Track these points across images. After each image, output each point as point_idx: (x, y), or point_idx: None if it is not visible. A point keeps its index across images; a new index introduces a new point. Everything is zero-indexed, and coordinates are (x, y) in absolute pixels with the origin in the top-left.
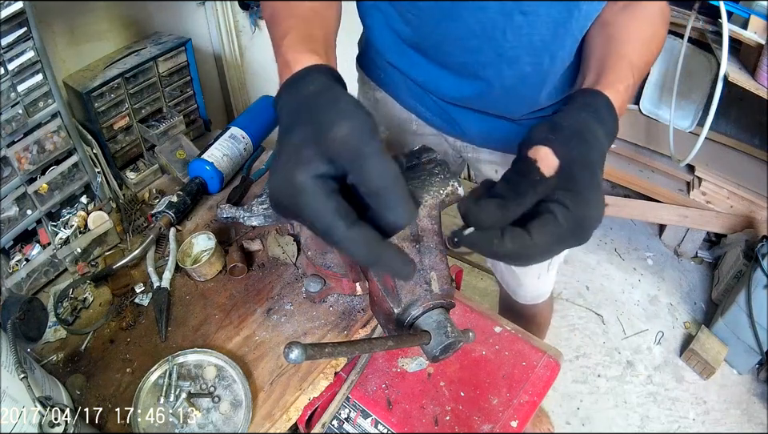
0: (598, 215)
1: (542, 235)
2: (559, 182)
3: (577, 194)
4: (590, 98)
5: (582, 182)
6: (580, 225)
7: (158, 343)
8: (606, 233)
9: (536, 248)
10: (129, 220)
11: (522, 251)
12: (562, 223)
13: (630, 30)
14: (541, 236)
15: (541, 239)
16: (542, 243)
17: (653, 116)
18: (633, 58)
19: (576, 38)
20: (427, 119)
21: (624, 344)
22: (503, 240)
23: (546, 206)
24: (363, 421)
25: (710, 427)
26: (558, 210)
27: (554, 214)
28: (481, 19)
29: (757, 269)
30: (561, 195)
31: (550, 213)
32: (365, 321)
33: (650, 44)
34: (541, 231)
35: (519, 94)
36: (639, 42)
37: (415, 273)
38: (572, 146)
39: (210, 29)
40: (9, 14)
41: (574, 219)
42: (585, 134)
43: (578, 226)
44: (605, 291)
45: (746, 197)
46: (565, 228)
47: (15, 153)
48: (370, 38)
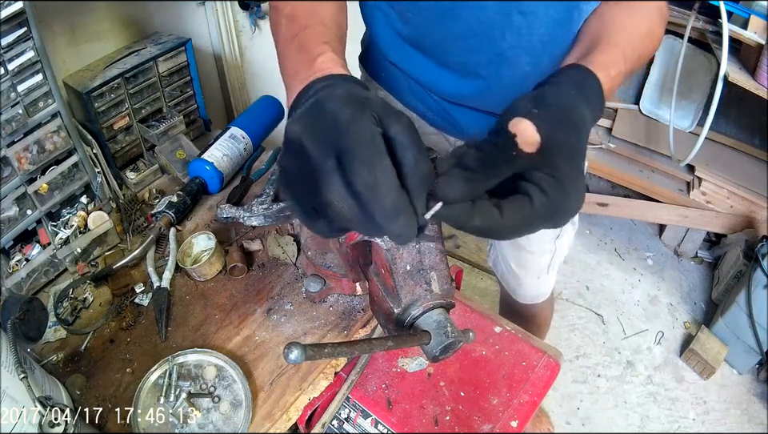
0: (576, 204)
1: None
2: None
3: (557, 181)
4: (581, 77)
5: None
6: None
7: (158, 343)
8: (606, 233)
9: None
10: (129, 220)
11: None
12: (537, 208)
13: (626, 22)
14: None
15: (511, 219)
16: (511, 224)
17: (653, 116)
18: (626, 47)
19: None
20: (428, 119)
21: (624, 344)
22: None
23: (523, 185)
24: (363, 421)
25: (710, 427)
26: (535, 193)
27: (530, 196)
28: (480, 19)
29: (757, 269)
30: (540, 178)
31: (526, 195)
32: (365, 321)
33: (644, 39)
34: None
35: (519, 93)
36: (634, 34)
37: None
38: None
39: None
40: (9, 14)
41: (551, 206)
42: (573, 115)
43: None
44: (605, 291)
45: (746, 197)
46: (539, 213)
47: (15, 153)
48: (372, 38)
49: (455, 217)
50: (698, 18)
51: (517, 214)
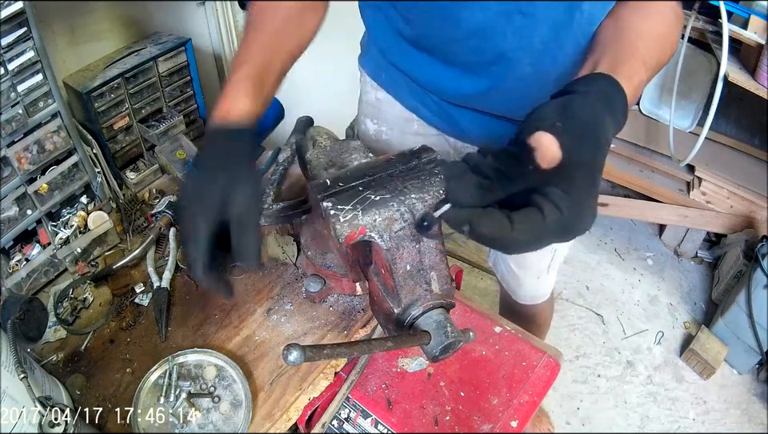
0: (589, 221)
1: (524, 230)
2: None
3: (574, 199)
4: (610, 88)
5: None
6: (567, 228)
7: (158, 343)
8: (606, 233)
9: (513, 240)
10: (129, 220)
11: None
12: (549, 224)
13: (643, 28)
14: (522, 230)
15: (521, 232)
16: (521, 237)
17: (653, 116)
18: (645, 55)
19: (578, 41)
20: (428, 120)
21: (624, 344)
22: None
23: (536, 199)
24: (363, 421)
25: (710, 427)
26: (549, 209)
27: (543, 212)
28: (481, 20)
29: (757, 269)
30: (556, 195)
31: (539, 209)
32: (365, 321)
33: (663, 44)
34: (523, 225)
35: (520, 94)
36: (652, 40)
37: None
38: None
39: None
40: (9, 14)
41: (563, 222)
42: (597, 132)
43: (565, 229)
44: (605, 291)
45: (746, 197)
46: (551, 229)
47: (15, 153)
48: (372, 38)
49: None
50: (698, 18)
51: (527, 227)
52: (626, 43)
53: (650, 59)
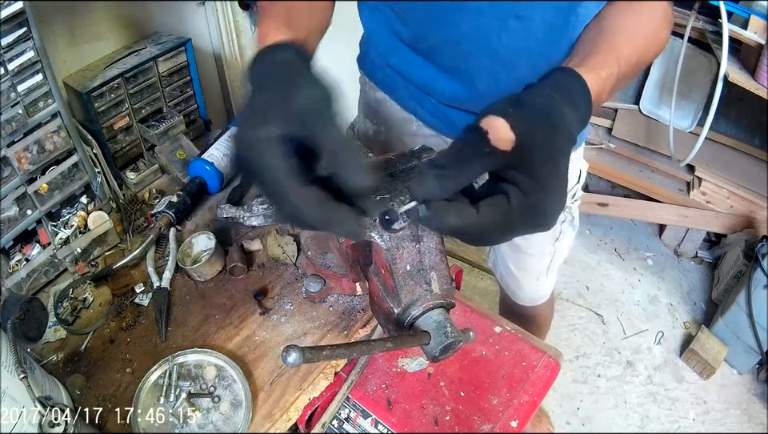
0: (556, 205)
1: (490, 215)
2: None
3: (535, 180)
4: (565, 79)
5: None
6: (535, 212)
7: (158, 343)
8: (606, 233)
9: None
10: (129, 220)
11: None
12: (515, 207)
13: (624, 24)
14: (489, 216)
15: (488, 218)
16: (488, 223)
17: (653, 116)
18: (623, 49)
19: (573, 43)
20: (426, 121)
21: (624, 344)
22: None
23: (502, 186)
24: (363, 421)
25: (710, 427)
26: (513, 192)
27: (508, 195)
28: (476, 23)
29: (757, 269)
30: (518, 178)
31: (504, 194)
32: (365, 321)
33: (647, 39)
34: (489, 211)
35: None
36: (634, 34)
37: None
38: (535, 125)
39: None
40: (9, 14)
41: (528, 205)
42: (551, 117)
43: (533, 213)
44: (605, 291)
45: (746, 197)
46: (517, 213)
47: (15, 153)
48: (370, 40)
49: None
50: (698, 18)
51: (494, 213)
52: (602, 38)
53: (628, 53)
